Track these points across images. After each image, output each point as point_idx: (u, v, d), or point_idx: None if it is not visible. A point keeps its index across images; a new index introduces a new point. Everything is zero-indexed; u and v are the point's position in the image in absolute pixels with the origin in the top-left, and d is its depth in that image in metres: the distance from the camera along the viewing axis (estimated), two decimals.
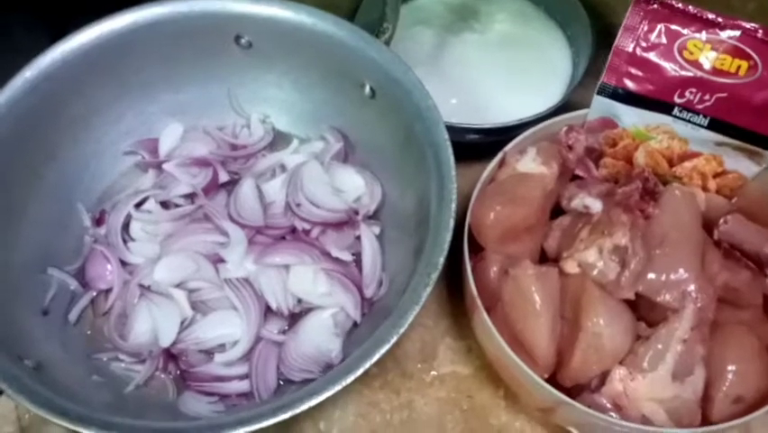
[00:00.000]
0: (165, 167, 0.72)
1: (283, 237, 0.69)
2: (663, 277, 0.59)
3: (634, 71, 0.64)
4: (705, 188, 0.68)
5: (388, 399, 0.68)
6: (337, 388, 0.51)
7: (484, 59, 0.83)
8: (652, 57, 0.63)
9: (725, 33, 0.61)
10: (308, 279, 0.65)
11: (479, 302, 0.60)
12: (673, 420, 0.57)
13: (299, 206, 0.68)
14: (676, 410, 0.58)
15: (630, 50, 0.64)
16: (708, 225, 0.64)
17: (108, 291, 0.67)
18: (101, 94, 0.69)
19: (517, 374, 0.59)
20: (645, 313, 0.61)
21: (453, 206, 0.58)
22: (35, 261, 0.65)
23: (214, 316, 0.65)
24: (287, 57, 0.71)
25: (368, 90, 0.68)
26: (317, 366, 0.62)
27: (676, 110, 0.64)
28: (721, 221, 0.63)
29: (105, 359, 0.64)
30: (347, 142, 0.73)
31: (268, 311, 0.65)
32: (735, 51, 0.61)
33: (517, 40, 0.85)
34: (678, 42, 0.62)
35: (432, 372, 0.70)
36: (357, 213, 0.69)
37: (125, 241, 0.69)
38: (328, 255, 0.67)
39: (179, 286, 0.65)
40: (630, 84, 0.64)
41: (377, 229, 0.70)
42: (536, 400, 0.61)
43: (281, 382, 0.63)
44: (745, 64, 0.61)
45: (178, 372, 0.64)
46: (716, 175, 0.67)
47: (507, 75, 0.81)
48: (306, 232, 0.68)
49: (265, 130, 0.76)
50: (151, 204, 0.70)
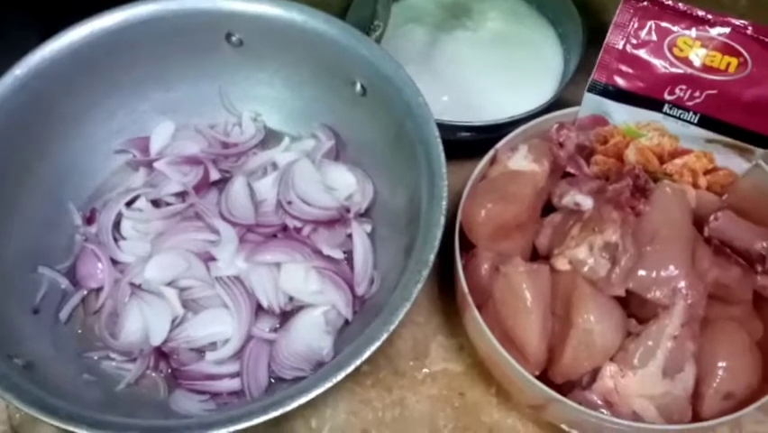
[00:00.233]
0: (156, 165, 0.72)
1: (274, 235, 0.68)
2: (654, 274, 0.59)
3: (624, 68, 0.64)
4: (696, 186, 0.68)
5: (380, 396, 0.68)
6: (327, 385, 0.51)
7: (476, 56, 0.83)
8: (642, 54, 0.63)
9: (714, 30, 0.61)
10: (299, 277, 0.65)
11: (470, 300, 0.60)
12: (664, 417, 0.58)
13: (290, 204, 0.68)
14: (666, 407, 0.58)
15: (620, 48, 0.64)
16: (699, 221, 0.64)
17: (99, 290, 0.67)
18: (92, 92, 0.69)
19: (508, 372, 0.59)
20: (636, 310, 0.61)
21: (444, 203, 0.58)
22: (26, 259, 0.65)
23: (206, 314, 0.65)
24: (278, 55, 0.71)
25: (359, 88, 0.68)
26: (308, 364, 0.62)
27: (666, 107, 0.64)
28: (712, 218, 0.63)
29: (95, 358, 0.64)
30: (338, 140, 0.73)
31: (259, 309, 0.65)
32: (724, 48, 0.61)
33: (509, 37, 0.85)
34: (668, 39, 0.62)
35: (424, 369, 0.70)
36: (348, 211, 0.69)
37: (116, 239, 0.69)
38: (319, 253, 0.66)
39: (170, 284, 0.65)
40: (620, 81, 0.64)
41: (368, 227, 0.70)
42: (527, 397, 0.61)
43: (272, 381, 0.63)
44: (734, 61, 0.61)
45: (169, 370, 0.64)
46: (706, 172, 0.67)
47: (499, 72, 0.81)
48: (298, 230, 0.68)
49: (256, 128, 0.76)
50: (142, 202, 0.70)
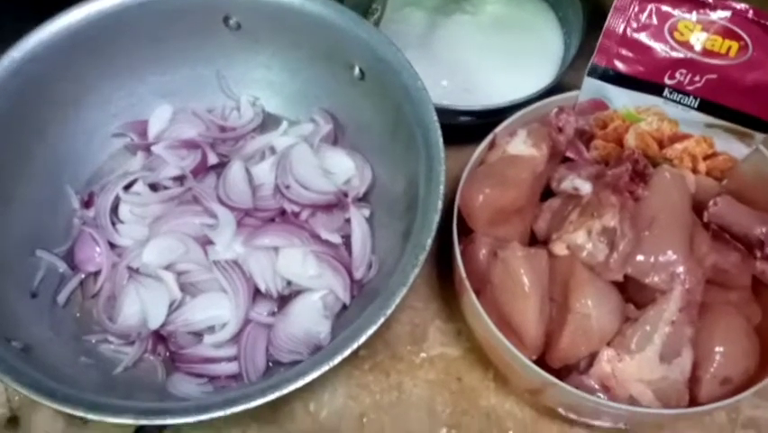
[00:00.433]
0: (154, 149, 0.71)
1: (272, 219, 0.68)
2: (652, 259, 0.59)
3: (624, 52, 0.64)
4: (695, 170, 0.67)
5: (378, 380, 0.68)
6: (324, 369, 0.52)
7: (475, 40, 0.82)
8: (642, 38, 0.63)
9: (715, 14, 0.61)
10: (298, 261, 0.65)
11: (467, 284, 0.60)
12: (661, 401, 0.58)
13: (288, 188, 0.68)
14: (664, 391, 0.58)
15: (621, 32, 0.63)
16: (698, 206, 0.64)
17: (97, 274, 0.67)
18: (89, 75, 0.69)
19: (506, 356, 0.59)
20: (634, 295, 0.61)
21: (442, 188, 0.57)
22: (24, 243, 0.65)
23: (203, 298, 0.65)
24: (276, 38, 0.71)
25: (357, 72, 0.67)
26: (306, 348, 0.62)
27: (666, 91, 0.64)
28: (711, 203, 0.63)
29: (93, 341, 0.64)
30: (337, 124, 0.73)
31: (257, 293, 0.65)
32: (725, 32, 0.61)
33: (509, 21, 0.84)
34: (668, 23, 0.62)
35: (421, 354, 0.70)
36: (347, 195, 0.69)
37: (114, 223, 0.69)
38: (318, 238, 0.66)
39: (168, 268, 0.65)
40: (620, 65, 0.64)
41: (367, 211, 0.70)
42: (525, 381, 0.61)
43: (270, 364, 0.63)
44: (735, 45, 0.61)
45: (167, 353, 0.64)
46: (706, 157, 0.67)
47: (499, 56, 0.81)
48: (296, 214, 0.68)
49: (254, 112, 0.75)
50: (140, 186, 0.70)
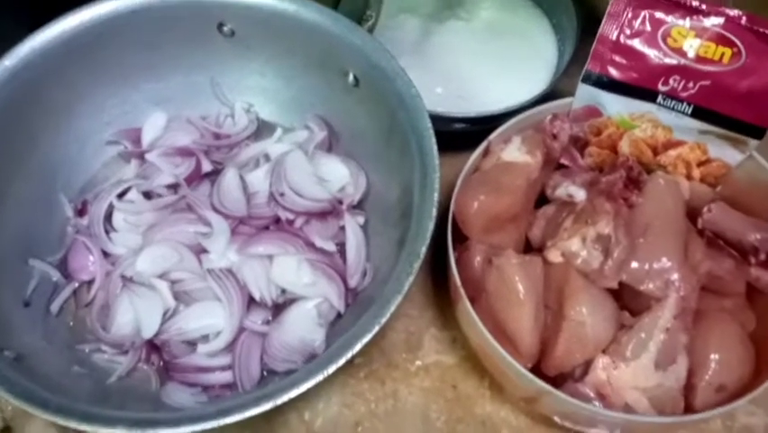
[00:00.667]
0: (148, 157, 0.71)
1: (266, 227, 0.68)
2: (647, 266, 0.59)
3: (618, 59, 0.64)
4: (689, 177, 0.67)
5: (373, 389, 0.68)
6: (319, 378, 0.51)
7: (470, 47, 0.82)
8: (636, 44, 0.63)
9: (709, 21, 0.61)
10: (292, 269, 0.65)
11: (462, 292, 0.60)
12: (656, 409, 0.57)
13: (283, 195, 0.68)
14: (659, 399, 0.58)
15: (614, 38, 0.63)
16: (693, 213, 0.64)
17: (91, 282, 0.67)
18: (82, 82, 0.69)
19: (501, 364, 0.59)
20: (629, 302, 0.61)
21: (436, 196, 0.57)
22: (17, 252, 0.65)
23: (197, 306, 0.64)
24: (270, 45, 0.71)
25: (351, 78, 0.67)
26: (301, 357, 0.62)
27: (660, 98, 0.64)
28: (705, 209, 0.63)
29: (87, 350, 0.64)
30: (331, 131, 0.73)
31: (251, 302, 0.65)
32: (718, 39, 0.61)
33: (503, 28, 0.84)
34: (662, 30, 0.62)
35: (417, 361, 0.70)
36: (341, 202, 0.69)
37: (108, 231, 0.69)
38: (312, 245, 0.66)
39: (162, 277, 0.65)
40: (614, 72, 0.64)
41: (361, 219, 0.69)
42: (520, 389, 0.61)
43: (265, 373, 0.63)
44: (728, 51, 0.61)
45: (161, 363, 0.64)
46: (700, 163, 0.67)
47: (493, 63, 0.81)
48: (290, 222, 0.68)
49: (249, 119, 0.75)
50: (134, 194, 0.70)
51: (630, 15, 0.62)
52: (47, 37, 0.64)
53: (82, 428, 0.50)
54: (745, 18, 0.60)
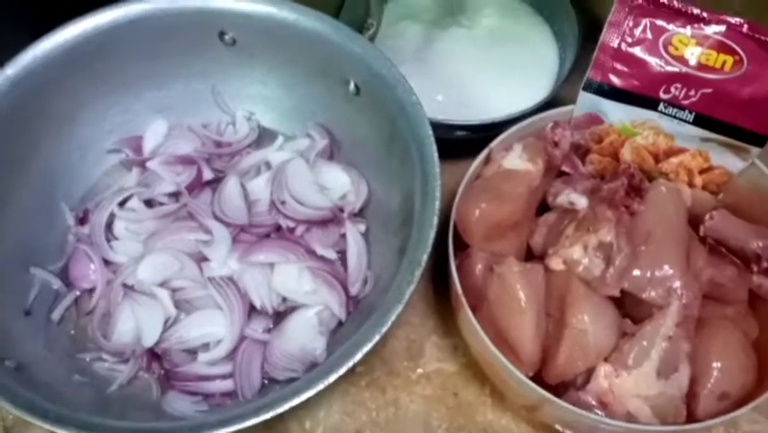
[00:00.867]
0: (149, 165, 0.71)
1: (267, 235, 0.68)
2: (648, 274, 0.59)
3: (619, 67, 0.64)
4: (691, 184, 0.67)
5: (374, 397, 0.68)
6: (319, 388, 0.51)
7: (471, 54, 0.82)
8: (637, 52, 0.63)
9: (710, 29, 0.61)
10: (293, 277, 0.65)
11: (463, 300, 0.60)
12: (658, 417, 0.57)
13: (284, 203, 0.68)
14: (661, 407, 0.57)
15: (615, 46, 0.63)
16: (695, 221, 0.64)
17: (92, 291, 0.67)
18: (84, 91, 0.69)
19: (502, 373, 0.58)
20: (631, 310, 0.61)
21: (437, 204, 0.57)
22: (18, 260, 0.65)
23: (198, 315, 0.64)
24: (271, 53, 0.71)
25: (352, 87, 0.67)
26: (302, 365, 0.62)
27: (661, 106, 0.64)
28: (707, 217, 0.63)
29: (88, 359, 0.64)
30: (332, 139, 0.73)
31: (252, 310, 0.65)
32: (720, 47, 0.61)
33: (504, 35, 0.84)
34: (663, 38, 0.62)
35: (418, 369, 0.69)
36: (342, 210, 0.69)
37: (109, 240, 0.68)
38: (313, 253, 0.66)
39: (163, 285, 0.65)
40: (615, 80, 0.64)
41: (362, 227, 0.69)
42: (521, 398, 0.61)
43: (266, 381, 0.63)
44: (730, 59, 0.61)
45: (161, 371, 0.64)
46: (702, 171, 0.67)
47: (494, 70, 0.81)
48: (291, 230, 0.68)
49: (250, 127, 0.75)
50: (135, 202, 0.70)
51: (631, 24, 0.62)
52: (49, 46, 0.64)
53: None
54: (746, 26, 0.60)
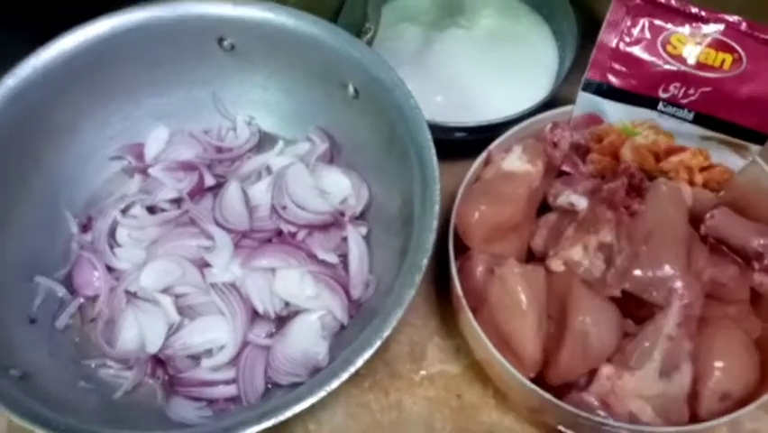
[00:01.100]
0: (151, 171, 0.71)
1: (269, 240, 0.68)
2: (650, 274, 0.59)
3: (618, 67, 0.63)
4: (692, 183, 0.67)
5: (378, 399, 0.68)
6: (321, 394, 0.51)
7: (470, 55, 0.82)
8: (635, 52, 0.63)
9: (708, 27, 0.61)
10: (295, 282, 0.65)
11: (464, 302, 0.60)
12: (661, 417, 0.57)
13: (285, 208, 0.68)
14: (664, 407, 0.57)
15: (613, 46, 0.63)
16: (695, 219, 0.64)
17: (95, 298, 0.67)
18: (85, 99, 0.69)
19: (504, 375, 0.59)
20: (632, 310, 0.61)
21: (437, 207, 0.57)
22: (22, 268, 0.65)
23: (201, 321, 0.65)
24: (270, 59, 0.71)
25: (351, 90, 0.67)
26: (305, 369, 0.62)
27: (661, 105, 0.63)
28: (708, 215, 0.63)
29: (93, 366, 0.64)
30: (333, 143, 0.73)
31: (255, 315, 0.65)
32: (718, 45, 0.61)
33: (503, 35, 0.84)
34: (661, 37, 0.62)
35: (421, 371, 0.70)
36: (343, 214, 0.69)
37: (112, 247, 0.69)
38: (314, 258, 0.66)
39: (166, 291, 0.65)
40: (614, 79, 0.64)
41: (363, 230, 0.69)
42: (524, 399, 0.61)
43: (269, 386, 0.63)
44: (729, 58, 0.61)
45: (166, 377, 0.64)
46: (702, 169, 0.67)
47: (494, 71, 0.81)
48: (292, 234, 0.68)
49: (251, 132, 0.75)
50: (138, 209, 0.70)
51: (629, 23, 0.62)
52: (49, 55, 0.64)
53: None
54: (744, 24, 0.60)
